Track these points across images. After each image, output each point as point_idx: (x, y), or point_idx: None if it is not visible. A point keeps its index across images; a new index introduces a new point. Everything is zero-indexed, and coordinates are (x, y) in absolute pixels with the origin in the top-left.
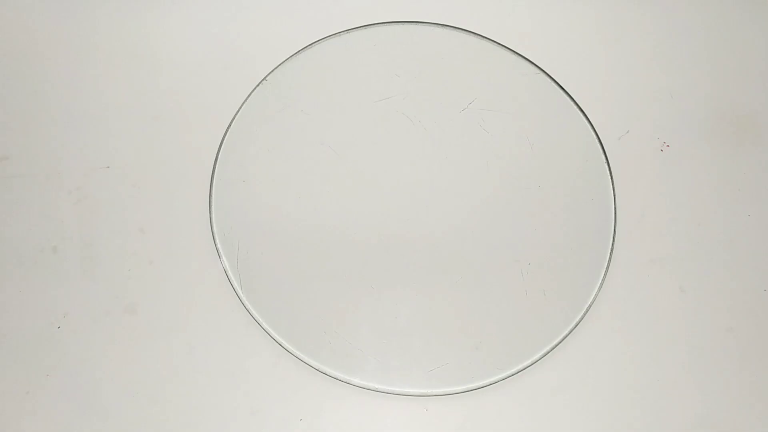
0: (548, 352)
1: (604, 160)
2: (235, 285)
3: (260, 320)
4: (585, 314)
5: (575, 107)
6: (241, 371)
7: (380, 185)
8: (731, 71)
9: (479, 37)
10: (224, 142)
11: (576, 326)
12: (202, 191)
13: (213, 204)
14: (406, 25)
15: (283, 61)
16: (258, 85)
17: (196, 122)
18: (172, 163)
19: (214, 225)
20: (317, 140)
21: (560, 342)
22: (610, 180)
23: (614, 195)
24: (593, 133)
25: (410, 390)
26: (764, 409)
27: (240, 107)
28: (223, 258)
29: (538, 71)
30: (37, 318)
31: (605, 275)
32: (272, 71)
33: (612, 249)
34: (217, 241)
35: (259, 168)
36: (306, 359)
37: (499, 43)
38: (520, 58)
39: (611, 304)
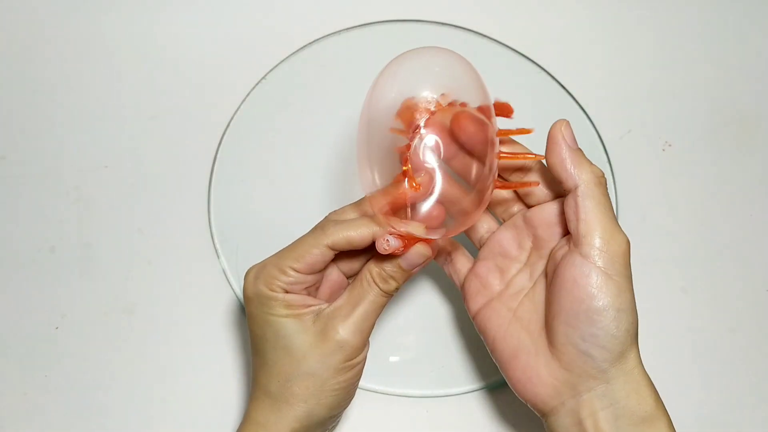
0: None
1: (606, 160)
2: (234, 285)
3: None
4: None
5: (577, 106)
6: (241, 372)
7: None
8: (733, 71)
9: (480, 35)
10: (223, 141)
11: None
12: (200, 191)
13: (212, 204)
14: (405, 23)
15: (283, 60)
16: (257, 84)
17: (194, 122)
18: (171, 163)
19: (212, 225)
20: (317, 139)
21: None
22: (612, 180)
23: (616, 195)
24: (595, 133)
25: (411, 391)
26: (766, 410)
27: (239, 106)
28: (222, 258)
29: (540, 70)
30: (36, 318)
31: None
32: (271, 70)
33: None
34: (216, 241)
35: (258, 167)
36: None
37: (501, 42)
38: (522, 57)
39: None
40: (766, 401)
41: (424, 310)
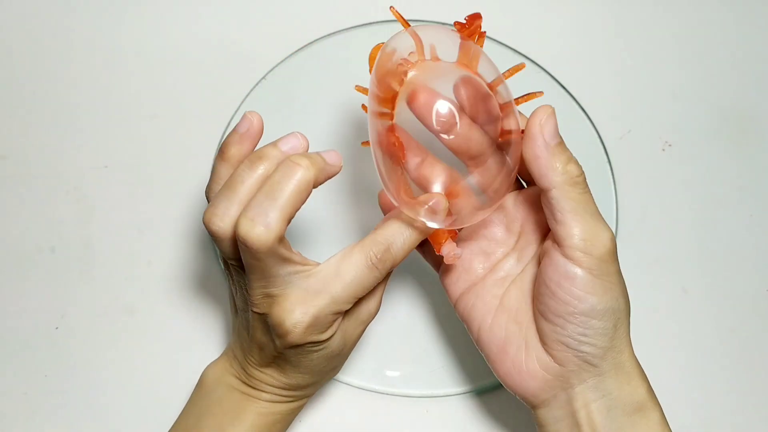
0: None
1: (606, 160)
2: None
3: None
4: None
5: (577, 106)
6: None
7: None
8: (733, 71)
9: None
10: (223, 141)
11: None
12: (201, 191)
13: None
14: None
15: (283, 60)
16: (257, 83)
17: (194, 121)
18: (171, 163)
19: None
20: (317, 139)
21: None
22: (612, 179)
23: (615, 194)
24: (595, 133)
25: (411, 391)
26: (766, 410)
27: (239, 106)
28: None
29: (540, 70)
30: (36, 318)
31: None
32: (271, 70)
33: None
34: None
35: None
36: None
37: (500, 42)
38: (522, 57)
39: None
40: (766, 401)
41: (423, 310)
